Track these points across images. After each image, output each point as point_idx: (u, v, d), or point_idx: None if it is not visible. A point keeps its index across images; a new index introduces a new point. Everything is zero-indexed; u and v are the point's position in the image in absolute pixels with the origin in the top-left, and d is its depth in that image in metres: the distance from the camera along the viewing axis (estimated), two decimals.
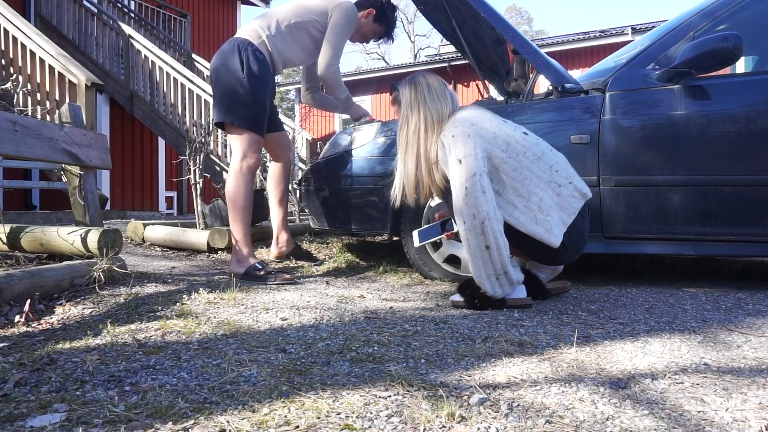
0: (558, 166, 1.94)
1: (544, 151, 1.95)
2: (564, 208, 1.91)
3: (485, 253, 1.82)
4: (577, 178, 1.97)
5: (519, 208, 1.88)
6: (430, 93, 2.01)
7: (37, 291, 1.90)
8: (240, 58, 2.62)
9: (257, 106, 2.64)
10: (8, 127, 2.10)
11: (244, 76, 2.59)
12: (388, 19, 2.93)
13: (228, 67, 2.63)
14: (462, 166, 1.84)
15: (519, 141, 1.92)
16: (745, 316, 1.83)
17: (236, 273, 2.61)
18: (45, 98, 5.36)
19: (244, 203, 2.64)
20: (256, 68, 2.62)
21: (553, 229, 1.86)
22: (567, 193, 1.92)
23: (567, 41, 12.20)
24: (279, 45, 2.72)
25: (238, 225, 2.64)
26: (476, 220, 1.81)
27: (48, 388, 1.12)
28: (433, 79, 2.06)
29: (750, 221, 2.24)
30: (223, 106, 2.64)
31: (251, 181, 2.69)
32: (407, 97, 2.04)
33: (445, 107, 2.00)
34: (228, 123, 2.64)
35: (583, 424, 0.97)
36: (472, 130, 1.88)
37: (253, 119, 2.63)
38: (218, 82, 2.67)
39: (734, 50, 2.10)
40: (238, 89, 2.60)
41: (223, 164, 6.48)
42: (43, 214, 5.14)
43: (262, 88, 2.65)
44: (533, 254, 2.03)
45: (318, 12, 2.74)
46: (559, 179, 1.92)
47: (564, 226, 1.89)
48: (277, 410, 1.01)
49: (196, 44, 10.03)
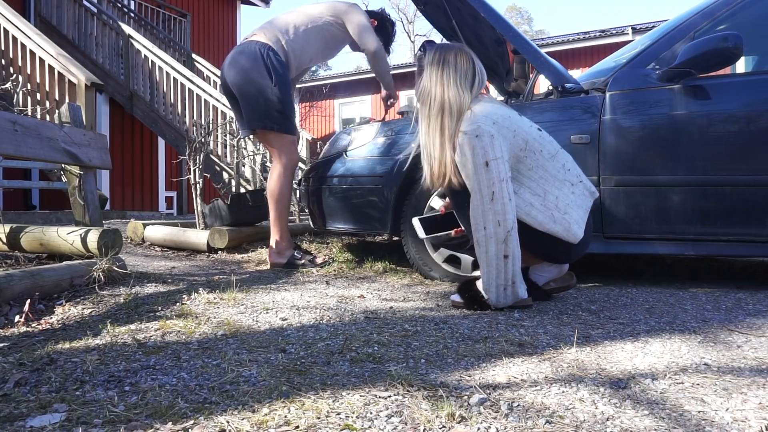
0: (569, 165, 1.92)
1: (558, 150, 1.92)
2: (580, 206, 1.89)
3: (501, 263, 1.78)
4: (585, 177, 1.97)
5: (537, 208, 1.85)
6: (455, 77, 1.85)
7: (37, 291, 1.90)
8: (266, 65, 2.80)
9: (289, 109, 2.88)
10: (8, 127, 2.10)
11: (275, 84, 2.79)
12: (387, 33, 3.20)
13: (254, 75, 2.79)
14: (490, 170, 1.75)
15: (536, 138, 1.87)
16: (746, 316, 1.83)
17: (278, 264, 2.95)
18: (45, 98, 5.36)
19: (285, 201, 2.94)
20: (282, 73, 2.83)
21: (572, 227, 1.84)
22: (579, 191, 1.90)
23: (567, 41, 12.19)
24: (297, 48, 2.93)
25: (279, 220, 2.94)
26: (501, 227, 1.75)
27: (48, 388, 1.12)
28: (462, 61, 1.88)
29: (750, 221, 2.24)
30: (258, 114, 2.83)
31: (291, 179, 2.98)
32: (430, 70, 1.88)
33: (467, 98, 1.85)
34: (268, 130, 2.86)
35: (583, 425, 0.97)
36: (495, 129, 1.78)
37: (289, 122, 2.89)
38: (247, 90, 2.84)
39: (734, 50, 2.10)
40: (271, 96, 2.80)
41: (222, 164, 6.48)
42: (43, 214, 5.14)
43: (289, 91, 2.90)
44: (545, 253, 1.98)
45: (331, 14, 2.96)
46: (571, 178, 1.90)
47: (583, 223, 1.88)
48: (277, 410, 1.01)
49: (196, 44, 10.02)
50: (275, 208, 2.94)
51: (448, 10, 2.92)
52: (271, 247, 3.00)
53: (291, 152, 2.93)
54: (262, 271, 2.86)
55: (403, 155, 2.59)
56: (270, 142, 2.95)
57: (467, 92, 1.85)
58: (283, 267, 2.94)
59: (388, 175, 2.63)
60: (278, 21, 2.96)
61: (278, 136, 2.88)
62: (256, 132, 2.94)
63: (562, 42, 12.18)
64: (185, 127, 6.89)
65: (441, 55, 1.88)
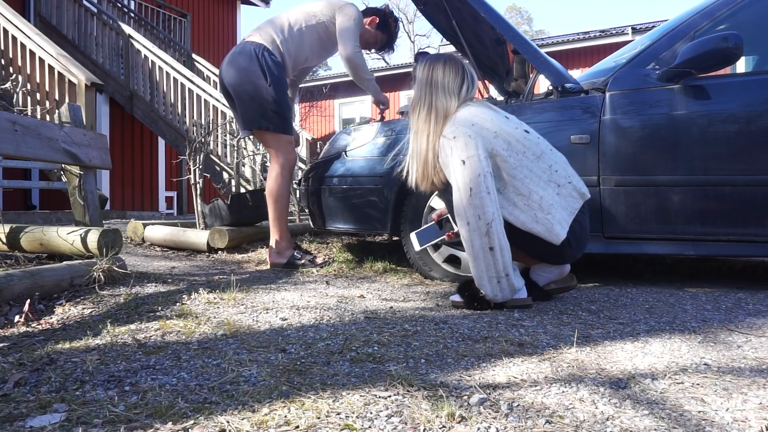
0: (557, 166, 1.94)
1: (544, 151, 1.94)
2: (565, 207, 1.91)
3: (488, 255, 1.81)
4: (577, 179, 1.97)
5: (520, 207, 1.88)
6: (443, 84, 1.96)
7: (37, 291, 1.90)
8: (260, 65, 2.80)
9: (285, 109, 2.88)
10: (8, 127, 2.10)
11: (270, 84, 2.79)
12: (390, 29, 3.14)
13: (250, 75, 2.80)
14: (466, 167, 1.82)
15: (519, 140, 1.91)
16: (746, 316, 1.83)
17: (278, 264, 2.95)
18: (45, 98, 5.36)
19: (284, 201, 2.95)
20: (277, 73, 2.83)
21: (555, 227, 1.86)
22: (566, 192, 1.92)
23: (567, 41, 12.19)
24: (292, 48, 2.92)
25: (278, 220, 2.95)
26: (481, 221, 1.80)
27: (48, 388, 1.12)
28: (449, 69, 1.98)
29: (750, 221, 2.24)
30: (254, 114, 2.84)
31: (290, 179, 2.98)
32: (420, 78, 2.01)
33: (453, 103, 1.95)
34: (263, 130, 2.86)
35: (583, 424, 0.97)
36: (473, 130, 1.87)
37: (285, 122, 2.89)
38: (243, 90, 2.85)
39: (734, 50, 2.10)
40: (266, 97, 2.80)
41: (223, 164, 6.48)
42: (43, 214, 5.14)
43: (284, 91, 2.89)
44: (537, 254, 2.02)
45: (326, 14, 2.94)
46: (558, 179, 1.92)
47: (566, 225, 1.89)
48: (277, 410, 1.01)
49: (195, 44, 10.02)
50: (274, 207, 2.95)
51: (448, 10, 2.92)
52: (271, 247, 3.00)
53: (288, 152, 2.93)
54: (262, 271, 2.86)
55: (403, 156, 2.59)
56: (267, 142, 2.96)
57: (454, 98, 1.96)
58: (283, 267, 2.94)
59: (388, 175, 2.63)
60: (276, 21, 2.97)
61: (274, 136, 2.89)
62: (253, 132, 2.95)
63: (562, 42, 12.18)
64: (185, 127, 6.88)
65: (430, 65, 2.00)
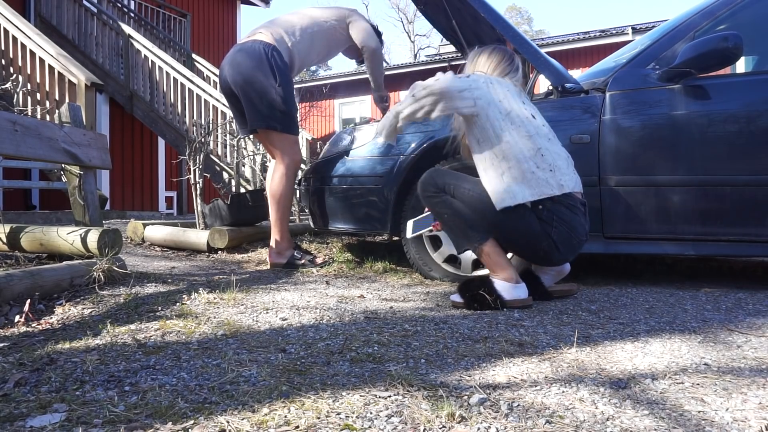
0: (547, 153, 1.92)
1: (542, 134, 1.95)
2: (531, 186, 1.90)
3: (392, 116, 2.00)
4: (563, 173, 1.93)
5: (492, 165, 1.95)
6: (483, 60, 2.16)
7: (37, 291, 1.90)
8: (270, 65, 2.81)
9: (292, 109, 2.90)
10: (8, 127, 2.10)
11: (279, 84, 2.80)
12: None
13: (259, 74, 2.80)
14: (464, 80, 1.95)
15: (519, 116, 1.94)
16: (746, 316, 1.83)
17: (278, 264, 2.95)
18: (45, 98, 5.36)
19: (287, 202, 2.95)
20: (285, 73, 2.85)
21: (503, 194, 1.90)
22: (542, 176, 1.91)
23: (567, 41, 12.19)
24: (302, 51, 2.96)
25: (280, 221, 2.94)
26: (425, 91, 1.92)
27: (48, 388, 1.12)
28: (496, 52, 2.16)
29: (750, 221, 2.24)
30: (262, 114, 2.84)
31: (294, 180, 2.97)
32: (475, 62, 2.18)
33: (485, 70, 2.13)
34: (271, 129, 2.87)
35: (583, 425, 0.97)
36: (482, 83, 1.98)
37: (292, 122, 2.91)
38: (251, 89, 2.84)
39: (734, 50, 2.10)
40: (275, 97, 2.80)
41: (223, 164, 6.48)
42: (43, 214, 5.14)
43: (292, 91, 2.92)
44: (525, 253, 2.03)
45: (336, 18, 3.01)
46: (540, 162, 1.91)
47: (519, 199, 1.89)
48: (277, 410, 1.01)
49: (195, 44, 10.02)
50: (276, 208, 2.94)
51: (448, 10, 2.92)
52: (271, 247, 3.00)
53: (294, 152, 2.93)
54: (262, 271, 2.86)
55: (404, 155, 2.59)
56: (272, 142, 2.94)
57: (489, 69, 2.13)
58: (283, 267, 2.94)
59: (389, 175, 2.63)
60: (282, 22, 2.96)
61: (281, 136, 2.89)
62: (257, 132, 2.94)
63: (562, 42, 12.18)
64: (185, 127, 6.88)
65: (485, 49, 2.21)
